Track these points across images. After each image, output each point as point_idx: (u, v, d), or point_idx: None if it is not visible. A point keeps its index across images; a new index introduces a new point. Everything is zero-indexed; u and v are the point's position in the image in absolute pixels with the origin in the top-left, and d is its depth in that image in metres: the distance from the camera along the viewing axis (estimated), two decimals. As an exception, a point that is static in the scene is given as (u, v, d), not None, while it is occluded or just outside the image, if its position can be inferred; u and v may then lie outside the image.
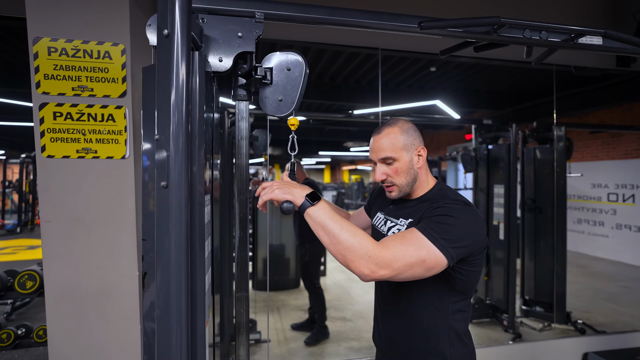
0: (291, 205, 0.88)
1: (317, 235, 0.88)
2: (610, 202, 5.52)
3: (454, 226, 0.88)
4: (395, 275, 0.82)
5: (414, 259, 0.83)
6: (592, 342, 2.66)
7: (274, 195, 0.90)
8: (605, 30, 1.23)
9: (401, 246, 0.83)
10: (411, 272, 0.84)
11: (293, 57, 1.05)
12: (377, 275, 0.81)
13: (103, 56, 1.39)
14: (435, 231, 0.86)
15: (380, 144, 1.03)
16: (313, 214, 0.87)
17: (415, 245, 0.84)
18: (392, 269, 0.81)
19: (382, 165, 1.03)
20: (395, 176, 1.02)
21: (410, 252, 0.83)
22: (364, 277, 0.82)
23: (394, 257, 0.82)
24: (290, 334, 3.08)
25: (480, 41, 1.28)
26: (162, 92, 0.83)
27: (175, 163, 0.80)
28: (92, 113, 1.41)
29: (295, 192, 0.90)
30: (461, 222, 0.89)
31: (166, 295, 0.82)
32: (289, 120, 1.09)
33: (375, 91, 5.31)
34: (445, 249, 0.85)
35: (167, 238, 0.82)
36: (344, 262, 0.83)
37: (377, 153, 1.03)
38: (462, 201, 0.96)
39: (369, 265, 0.81)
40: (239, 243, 1.16)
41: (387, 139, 1.03)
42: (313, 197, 0.89)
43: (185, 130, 0.81)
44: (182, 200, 0.81)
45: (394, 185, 1.04)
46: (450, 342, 0.98)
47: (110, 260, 1.47)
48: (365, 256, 0.81)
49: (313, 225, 0.88)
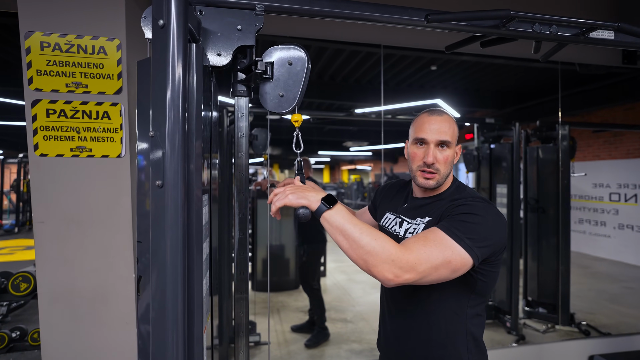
0: (307, 211, 0.83)
1: (335, 241, 0.83)
2: (612, 202, 5.49)
3: (478, 224, 0.85)
4: (420, 278, 0.78)
5: (439, 261, 0.79)
6: (597, 345, 2.62)
7: (288, 200, 0.84)
8: (619, 23, 1.19)
9: (425, 248, 0.80)
10: (436, 274, 0.80)
11: (295, 51, 1.01)
12: (401, 279, 0.77)
13: (98, 51, 1.35)
14: (459, 230, 0.83)
15: (443, 126, 0.98)
16: (330, 218, 0.82)
17: (439, 246, 0.80)
18: (417, 272, 0.77)
19: (436, 148, 0.98)
20: (443, 164, 0.98)
21: (435, 254, 0.79)
22: (388, 282, 0.78)
23: (418, 260, 0.78)
24: (290, 336, 3.03)
25: (488, 36, 1.24)
26: (157, 86, 0.79)
27: (171, 161, 0.76)
28: (87, 110, 1.36)
29: (310, 195, 0.84)
30: (485, 220, 0.86)
31: (162, 301, 0.78)
32: (292, 116, 1.05)
33: (375, 90, 5.27)
34: (470, 248, 0.81)
35: (162, 240, 0.78)
36: (365, 267, 0.78)
37: (436, 134, 0.98)
38: (482, 199, 0.94)
39: (392, 269, 0.76)
40: (239, 245, 1.12)
41: (448, 124, 0.99)
42: (329, 200, 0.84)
43: (181, 127, 0.77)
44: (178, 200, 0.77)
45: (436, 173, 0.98)
46: (468, 349, 0.94)
47: (106, 262, 1.42)
48: (388, 260, 0.76)
49: (330, 230, 0.82)
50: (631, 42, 1.32)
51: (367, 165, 18.03)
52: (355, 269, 5.25)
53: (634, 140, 5.26)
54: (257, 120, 3.61)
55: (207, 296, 0.98)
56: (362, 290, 4.27)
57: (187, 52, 0.79)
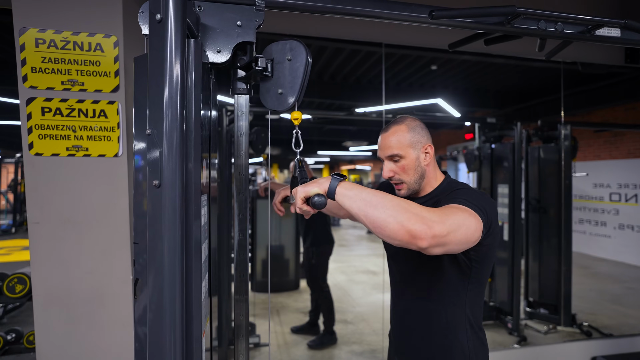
0: (322, 198, 0.82)
1: (356, 210, 0.78)
2: (612, 202, 5.47)
3: (471, 196, 0.90)
4: (449, 232, 0.75)
5: (460, 216, 0.80)
6: (600, 346, 2.60)
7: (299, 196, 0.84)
8: (626, 20, 1.17)
9: (441, 210, 0.80)
10: (465, 228, 0.79)
11: (294, 46, 0.98)
12: (433, 230, 0.73)
13: (94, 48, 1.32)
14: (462, 199, 0.86)
15: (387, 142, 1.03)
16: (346, 189, 0.80)
17: (455, 209, 0.82)
18: (446, 225, 0.75)
19: (389, 162, 1.04)
20: (403, 173, 1.03)
21: (453, 210, 0.81)
22: (423, 234, 0.73)
23: (443, 214, 0.78)
24: (290, 337, 3.01)
25: (493, 33, 1.21)
26: (154, 82, 0.76)
27: (169, 160, 0.74)
28: (83, 108, 1.34)
29: (317, 181, 0.85)
30: (476, 194, 0.92)
31: (159, 305, 0.75)
32: (291, 114, 1.02)
33: (375, 90, 5.25)
34: (478, 210, 0.85)
35: (159, 242, 0.75)
36: (396, 223, 0.73)
37: (384, 150, 1.04)
38: (472, 188, 1.00)
39: (425, 220, 0.73)
40: (238, 246, 1.09)
41: (394, 137, 1.03)
42: (339, 176, 0.86)
43: (179, 125, 0.74)
44: (176, 200, 0.74)
45: (402, 182, 1.04)
46: (467, 335, 0.99)
47: (103, 264, 1.40)
48: (418, 212, 0.75)
49: (350, 200, 0.79)
50: (637, 39, 1.30)
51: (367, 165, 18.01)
52: (355, 269, 5.23)
53: (635, 140, 5.25)
54: (256, 119, 3.58)
55: (206, 299, 0.96)
56: (362, 291, 4.25)
57: (185, 47, 0.76)
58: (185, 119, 0.76)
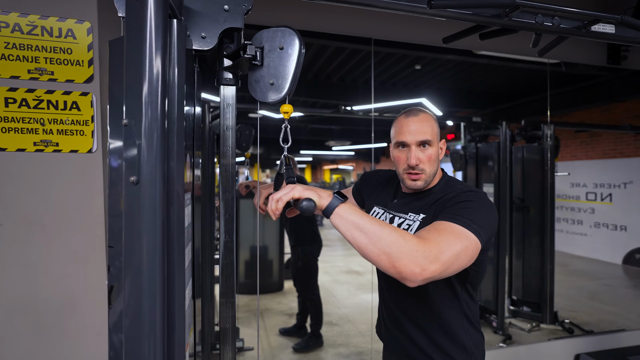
0: (312, 203, 0.76)
1: (350, 238, 0.75)
2: (588, 201, 5.63)
3: (477, 209, 0.85)
4: (445, 269, 0.73)
5: (458, 248, 0.76)
6: (582, 343, 2.63)
7: (295, 192, 0.78)
8: (622, 16, 1.16)
9: (440, 237, 0.76)
10: (458, 263, 0.76)
11: (286, 34, 0.91)
12: (427, 272, 0.70)
13: (65, 35, 1.22)
14: (464, 217, 0.81)
15: (421, 126, 0.98)
16: (344, 213, 0.76)
17: (453, 234, 0.77)
18: (441, 263, 0.72)
19: (417, 149, 0.98)
20: (427, 163, 0.98)
21: (452, 241, 0.76)
22: (415, 277, 0.71)
23: (440, 249, 0.73)
24: (276, 340, 2.93)
25: (489, 26, 1.18)
26: (132, 67, 0.68)
27: (149, 153, 0.66)
28: (53, 100, 1.23)
29: (318, 191, 0.79)
30: (481, 205, 0.88)
31: (136, 315, 0.67)
32: (281, 107, 0.95)
33: (359, 89, 5.22)
34: (478, 232, 0.80)
35: (137, 244, 0.67)
36: (388, 262, 0.71)
37: (416, 135, 0.98)
38: (473, 188, 0.96)
39: (418, 261, 0.70)
40: (224, 249, 1.01)
41: (427, 123, 1.00)
42: (341, 195, 0.79)
43: (160, 114, 0.66)
44: (156, 198, 0.66)
45: (422, 173, 0.99)
46: (465, 330, 0.97)
47: (75, 269, 1.29)
48: (412, 251, 0.70)
49: (345, 227, 0.75)
50: (631, 36, 1.30)
51: (349, 165, 18.06)
52: (339, 269, 5.19)
53: (610, 141, 5.41)
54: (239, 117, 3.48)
55: (190, 307, 0.88)
56: (347, 292, 4.21)
57: (167, 28, 0.68)
58: (167, 108, 0.68)
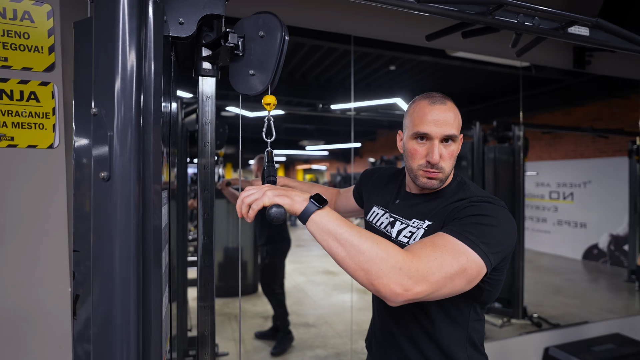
0: (282, 210, 0.68)
1: (326, 248, 0.68)
2: (552, 199, 5.90)
3: (492, 227, 0.74)
4: (433, 291, 0.65)
5: (454, 269, 0.66)
6: (551, 337, 2.73)
7: (267, 199, 0.69)
8: (597, 19, 1.19)
9: (435, 254, 0.67)
10: (451, 286, 0.67)
11: (268, 21, 0.86)
12: (411, 293, 0.63)
13: (21, 17, 1.10)
14: (472, 234, 0.71)
15: (448, 118, 0.84)
16: (321, 221, 0.67)
17: (451, 252, 0.68)
18: (429, 284, 0.64)
19: (441, 144, 0.84)
20: (448, 160, 0.85)
21: (448, 261, 0.66)
22: (395, 298, 0.63)
23: (430, 268, 0.64)
24: (251, 344, 2.85)
25: (473, 24, 1.18)
26: (102, 49, 0.61)
27: (122, 146, 0.59)
28: (7, 89, 1.11)
29: (293, 194, 0.70)
30: (498, 222, 0.75)
31: (107, 326, 0.60)
32: (264, 99, 0.90)
33: (335, 88, 5.21)
34: (485, 255, 0.70)
35: (108, 248, 0.60)
36: (366, 278, 0.64)
37: (442, 127, 0.83)
38: (491, 198, 0.83)
39: (401, 279, 0.62)
40: (203, 251, 0.95)
41: (454, 114, 0.86)
42: (319, 199, 0.69)
43: (135, 101, 0.60)
44: (130, 196, 0.59)
45: (440, 172, 0.85)
46: (468, 356, 0.85)
47: (33, 276, 1.18)
48: (395, 268, 0.62)
49: (321, 235, 0.67)
50: (602, 39, 1.34)
51: (323, 165, 18.09)
52: (314, 270, 5.15)
53: (571, 142, 5.71)
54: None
55: (167, 316, 0.81)
56: (323, 292, 4.18)
57: (142, 8, 0.62)
58: (142, 94, 0.61)
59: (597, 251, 5.38)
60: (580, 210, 5.54)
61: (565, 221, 5.72)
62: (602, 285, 4.77)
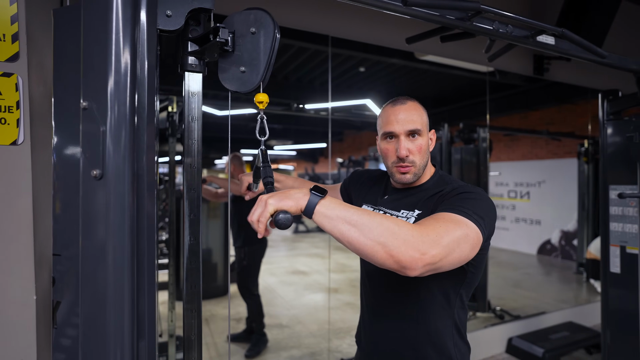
0: (288, 215, 0.68)
1: (337, 233, 0.68)
2: (510, 198, 6.25)
3: (478, 200, 0.82)
4: (446, 255, 0.69)
5: (458, 234, 0.71)
6: (513, 328, 2.89)
7: (270, 207, 0.68)
8: (563, 30, 1.28)
9: (438, 224, 0.72)
10: (459, 250, 0.71)
11: (259, 17, 0.84)
12: (428, 256, 0.66)
13: (-19, 2, 1.01)
14: (465, 207, 0.77)
15: (409, 115, 0.93)
16: (327, 209, 0.68)
17: (453, 222, 0.73)
18: (441, 247, 0.68)
19: (406, 139, 0.92)
20: (417, 154, 0.93)
21: (452, 227, 0.72)
22: (415, 264, 0.66)
23: (438, 234, 0.69)
24: (224, 347, 2.78)
25: (452, 29, 1.23)
26: (92, 40, 0.57)
27: (116, 142, 0.56)
28: (-36, 80, 1.02)
29: (292, 194, 0.70)
30: (483, 198, 0.84)
31: (97, 334, 0.57)
32: (256, 96, 0.88)
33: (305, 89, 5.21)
34: (479, 222, 0.76)
35: (100, 251, 0.57)
36: (384, 251, 0.65)
37: (404, 124, 0.92)
38: (471, 185, 0.92)
39: (417, 245, 0.66)
40: (189, 252, 0.91)
41: (415, 112, 0.94)
42: (319, 190, 0.71)
43: (130, 96, 0.57)
44: (125, 195, 0.56)
45: (412, 165, 0.93)
46: (454, 342, 0.91)
47: (-7, 283, 1.08)
48: (409, 236, 0.66)
49: (330, 223, 0.68)
50: (566, 48, 1.43)
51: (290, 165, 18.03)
52: (285, 270, 5.12)
53: (527, 144, 6.07)
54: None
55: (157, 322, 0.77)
56: (295, 292, 4.16)
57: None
58: (137, 88, 0.58)
59: (550, 246, 5.75)
60: (535, 208, 5.91)
61: (522, 219, 6.08)
62: (555, 277, 5.12)
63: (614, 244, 1.82)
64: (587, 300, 3.97)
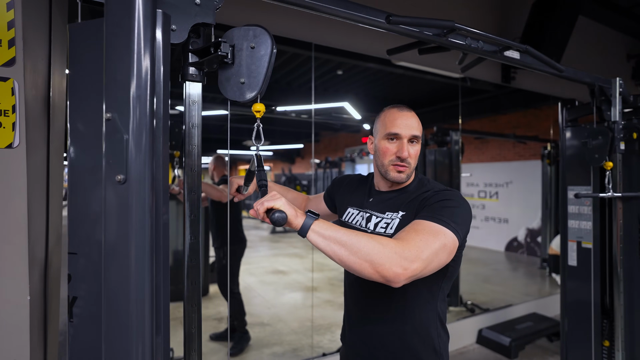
0: (284, 215, 0.76)
1: (329, 252, 0.77)
2: (480, 198, 6.54)
3: (456, 208, 0.89)
4: (425, 267, 0.78)
5: (437, 246, 0.80)
6: (482, 320, 3.07)
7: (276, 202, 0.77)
8: (526, 47, 1.42)
9: (419, 237, 0.80)
10: (437, 260, 0.80)
11: (258, 33, 0.92)
12: (410, 270, 0.75)
13: (-22, 7, 1.03)
14: (443, 216, 0.85)
15: (412, 122, 1.01)
16: (321, 230, 0.77)
17: (432, 233, 0.81)
18: (421, 260, 0.76)
19: (408, 143, 1.00)
20: (414, 158, 1.01)
21: (430, 239, 0.80)
22: (397, 278, 0.75)
23: (419, 248, 0.77)
24: (207, 346, 2.81)
25: (429, 43, 1.34)
26: (115, 57, 0.63)
27: (138, 150, 0.62)
28: (-41, 84, 1.03)
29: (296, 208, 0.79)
30: (459, 204, 0.91)
31: (121, 327, 0.62)
32: (253, 106, 0.95)
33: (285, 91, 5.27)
34: (456, 230, 0.84)
35: (123, 250, 0.62)
36: (371, 268, 0.74)
37: (409, 129, 1.00)
38: (449, 188, 1.00)
39: (400, 262, 0.74)
40: (190, 251, 0.97)
41: (417, 121, 1.03)
42: (313, 213, 0.79)
43: (150, 106, 0.63)
44: (145, 198, 0.63)
45: (408, 167, 1.00)
46: (437, 332, 0.97)
47: (-14, 285, 1.09)
48: (392, 254, 0.74)
49: (324, 242, 0.77)
50: (529, 62, 1.58)
51: (267, 165, 17.96)
52: (264, 270, 5.16)
53: (496, 147, 6.38)
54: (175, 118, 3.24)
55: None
56: (275, 291, 4.22)
57: (155, 16, 0.65)
58: (155, 100, 0.64)
59: (517, 243, 6.08)
60: (503, 208, 6.22)
61: (491, 217, 6.38)
62: (521, 272, 5.42)
63: (571, 239, 2.00)
64: (549, 292, 4.24)
